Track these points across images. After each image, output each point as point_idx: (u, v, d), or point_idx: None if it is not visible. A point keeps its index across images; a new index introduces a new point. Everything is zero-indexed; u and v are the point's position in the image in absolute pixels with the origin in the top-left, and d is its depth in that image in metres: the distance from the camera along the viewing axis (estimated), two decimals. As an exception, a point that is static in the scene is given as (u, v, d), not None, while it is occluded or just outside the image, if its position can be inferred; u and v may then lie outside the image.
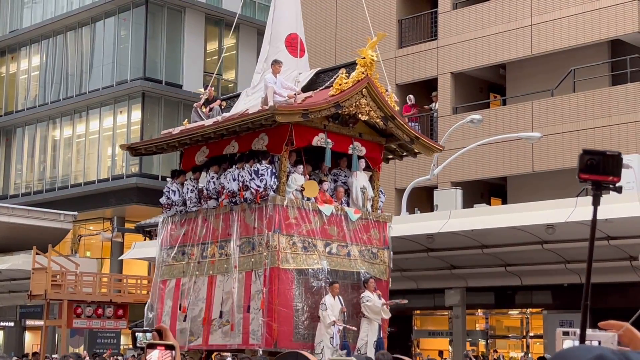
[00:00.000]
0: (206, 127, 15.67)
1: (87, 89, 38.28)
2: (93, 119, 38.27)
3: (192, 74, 37.59)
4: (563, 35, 24.65)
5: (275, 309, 13.80)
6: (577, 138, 23.88)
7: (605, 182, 2.55)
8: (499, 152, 25.09)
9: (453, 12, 27.50)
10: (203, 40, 38.45)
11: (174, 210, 16.35)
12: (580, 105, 24.04)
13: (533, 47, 25.34)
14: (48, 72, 40.53)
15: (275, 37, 16.50)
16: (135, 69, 36.61)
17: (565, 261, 18.83)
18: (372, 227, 15.37)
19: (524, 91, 26.50)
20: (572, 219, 16.17)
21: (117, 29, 37.83)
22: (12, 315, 37.76)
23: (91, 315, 28.05)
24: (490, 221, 18.09)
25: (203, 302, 15.14)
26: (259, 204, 14.32)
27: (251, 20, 39.66)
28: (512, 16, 25.88)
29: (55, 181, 39.34)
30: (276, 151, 14.62)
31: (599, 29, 24.00)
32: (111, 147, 37.59)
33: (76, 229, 36.96)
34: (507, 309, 23.54)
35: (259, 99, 15.42)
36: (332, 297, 14.14)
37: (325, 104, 14.17)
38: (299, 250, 14.26)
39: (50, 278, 27.07)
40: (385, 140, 15.82)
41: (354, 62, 14.93)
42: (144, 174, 35.66)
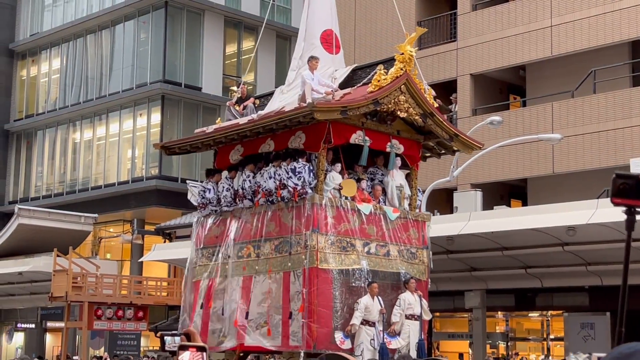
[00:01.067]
0: (242, 125, 15.42)
1: (107, 91, 38.46)
2: (113, 122, 38.44)
3: (211, 76, 37.68)
4: (583, 36, 24.52)
5: (315, 309, 13.54)
6: (597, 139, 23.74)
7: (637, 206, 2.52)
8: (519, 153, 24.98)
9: (472, 14, 27.42)
10: (222, 42, 38.55)
11: (209, 210, 16.10)
12: (601, 106, 23.90)
13: (553, 48, 25.22)
14: (68, 75, 40.75)
15: (310, 33, 16.28)
16: (154, 71, 36.75)
17: (586, 263, 18.72)
18: (411, 227, 15.12)
19: (544, 92, 26.37)
20: (593, 220, 16.07)
21: (136, 31, 37.99)
22: (33, 317, 37.98)
23: (111, 317, 28.16)
24: (511, 223, 18.02)
25: (237, 302, 14.88)
26: (297, 203, 14.08)
27: (270, 23, 39.68)
28: (532, 17, 25.77)
29: (75, 183, 39.53)
30: (314, 149, 14.37)
31: (619, 29, 23.86)
32: (131, 149, 37.74)
33: (96, 231, 37.13)
34: (528, 312, 23.43)
35: (295, 96, 15.17)
36: (371, 298, 13.90)
37: (364, 101, 13.93)
38: (338, 250, 14.02)
39: (71, 280, 27.20)
40: (423, 138, 15.55)
41: (392, 58, 14.70)
42: (163, 176, 35.78)
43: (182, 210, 34.04)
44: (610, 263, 18.25)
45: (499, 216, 19.03)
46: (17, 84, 43.70)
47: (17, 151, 42.90)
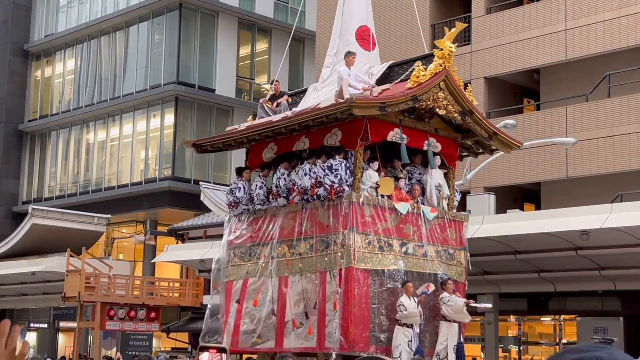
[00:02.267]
0: (276, 122, 15.05)
1: (120, 92, 38.58)
2: (126, 123, 38.56)
3: (225, 78, 37.75)
4: (598, 40, 24.43)
5: (351, 310, 13.18)
6: (612, 143, 23.65)
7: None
8: (532, 157, 24.90)
9: (487, 17, 27.37)
10: (236, 44, 38.61)
11: (241, 208, 15.77)
12: (615, 110, 23.80)
13: (567, 51, 25.14)
14: (82, 76, 40.89)
15: (345, 30, 15.96)
16: (168, 73, 36.84)
17: (599, 268, 18.65)
18: (448, 227, 14.78)
19: (558, 96, 26.29)
20: (607, 225, 16.02)
21: (150, 33, 38.09)
22: (45, 317, 38.11)
23: (124, 317, 28.23)
24: (524, 227, 17.97)
25: (272, 303, 14.53)
26: (333, 201, 13.74)
27: (284, 25, 39.73)
28: (546, 21, 25.70)
29: (89, 184, 39.66)
30: (350, 146, 14.05)
31: (634, 33, 23.76)
32: (144, 150, 37.84)
33: (109, 231, 37.24)
34: (540, 315, 23.35)
35: (330, 92, 14.91)
36: (408, 298, 13.54)
37: (403, 97, 13.59)
38: (375, 250, 13.66)
39: (84, 280, 27.29)
40: (461, 136, 15.20)
41: (430, 54, 14.46)
42: (176, 178, 35.85)
43: (195, 212, 34.11)
44: (624, 268, 18.18)
45: (512, 220, 18.98)
46: (32, 84, 43.88)
47: (31, 151, 43.07)
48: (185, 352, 32.03)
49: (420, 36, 18.00)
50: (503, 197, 25.06)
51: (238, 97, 38.47)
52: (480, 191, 25.15)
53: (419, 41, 27.79)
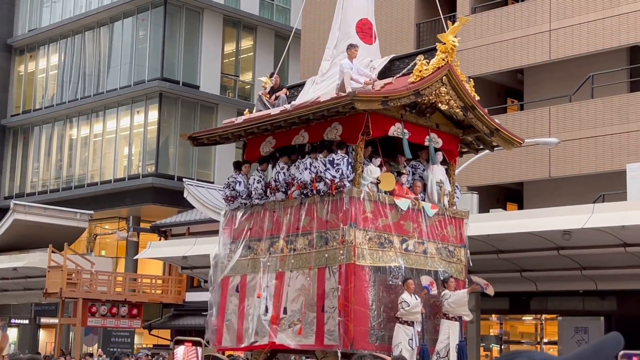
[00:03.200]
0: (275, 115, 14.74)
1: (104, 88, 38.45)
2: (110, 119, 38.43)
3: (210, 75, 37.69)
4: (582, 41, 24.54)
5: (351, 308, 12.93)
6: (594, 144, 23.77)
7: None
8: (515, 157, 24.99)
9: (471, 17, 27.42)
10: (221, 41, 38.55)
11: (238, 203, 15.48)
12: (598, 111, 23.92)
13: (551, 52, 25.24)
14: (66, 72, 40.72)
15: (345, 22, 15.69)
16: (152, 69, 36.74)
17: (581, 267, 18.74)
18: (449, 224, 14.58)
19: (541, 96, 26.40)
20: (589, 225, 16.09)
21: (135, 29, 37.98)
22: (26, 312, 37.95)
23: (106, 314, 28.18)
24: (506, 226, 18.02)
25: (270, 299, 14.31)
26: (334, 196, 13.50)
27: (269, 22, 39.71)
28: (530, 21, 25.79)
29: (71, 180, 39.51)
30: (351, 141, 13.80)
31: (618, 35, 23.89)
32: (128, 146, 37.73)
33: (92, 227, 37.12)
34: (522, 315, 23.45)
35: (330, 86, 14.69)
36: (409, 295, 13.31)
37: (406, 92, 13.33)
38: (376, 247, 13.42)
39: (66, 276, 27.22)
40: (462, 132, 15.02)
41: (433, 48, 14.28)
42: (160, 174, 35.77)
43: (178, 209, 34.04)
44: (605, 268, 18.28)
45: (495, 219, 19.04)
46: (15, 79, 43.66)
47: (14, 147, 42.87)
48: (167, 349, 31.98)
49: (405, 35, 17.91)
50: (486, 197, 25.13)
51: (222, 94, 38.43)
52: (464, 190, 25.21)
53: (403, 40, 27.87)
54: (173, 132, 36.96)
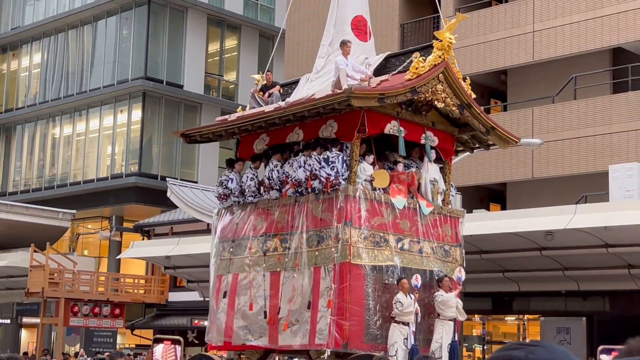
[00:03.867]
0: (270, 112, 14.52)
1: (87, 87, 38.29)
2: (93, 118, 38.28)
3: (193, 74, 37.60)
4: (565, 42, 24.64)
5: (346, 307, 12.78)
6: (577, 145, 23.87)
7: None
8: (499, 157, 25.06)
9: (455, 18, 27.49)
10: (205, 40, 38.47)
11: (231, 201, 15.28)
12: (581, 112, 24.02)
13: (535, 53, 25.33)
14: (49, 70, 40.53)
15: (340, 19, 15.50)
16: (136, 68, 36.62)
17: (563, 268, 18.81)
18: (444, 223, 14.43)
19: (524, 97, 26.48)
20: (571, 226, 16.16)
21: (119, 28, 37.84)
22: (8, 312, 37.75)
23: (88, 313, 28.06)
24: (489, 227, 18.07)
25: (264, 299, 14.12)
26: (328, 195, 13.32)
27: (253, 22, 39.66)
28: (514, 22, 25.87)
29: (54, 179, 39.33)
30: (347, 139, 13.62)
31: (601, 36, 24.00)
32: (111, 146, 37.59)
33: (74, 227, 36.95)
34: (505, 315, 23.51)
35: (324, 83, 14.58)
36: (404, 295, 13.20)
37: (402, 89, 13.20)
38: (371, 245, 13.26)
39: (48, 276, 27.09)
40: (457, 131, 14.90)
41: (429, 45, 14.17)
42: (143, 174, 35.65)
43: (162, 208, 33.94)
44: (587, 268, 18.36)
45: (478, 220, 19.06)
46: (-3, 77, 43.42)
47: (-4, 145, 42.64)
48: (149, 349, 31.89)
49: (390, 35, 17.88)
50: (469, 197, 25.19)
51: (206, 93, 38.35)
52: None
53: (388, 40, 27.86)
54: (156, 132, 36.87)
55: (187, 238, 26.00)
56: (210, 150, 37.26)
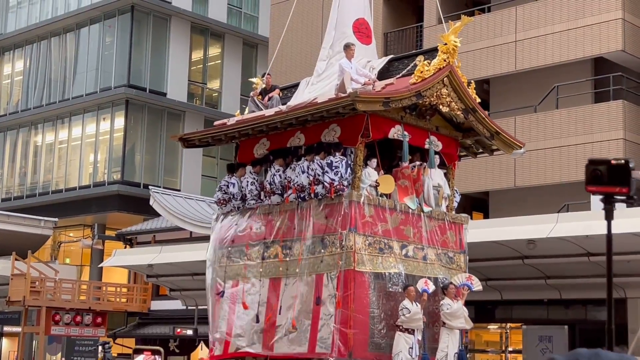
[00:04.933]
0: (271, 116, 14.24)
1: (70, 95, 38.15)
2: (76, 126, 38.13)
3: (177, 82, 37.53)
4: (547, 52, 24.78)
5: (350, 315, 12.48)
6: (559, 154, 23.98)
7: (614, 194, 2.42)
8: (481, 166, 25.15)
9: (439, 27, 27.58)
10: (188, 48, 38.42)
11: (230, 206, 15.01)
12: (563, 121, 24.15)
13: (517, 63, 25.46)
14: (31, 78, 40.37)
15: (341, 22, 15.30)
16: (119, 76, 36.52)
17: (545, 277, 18.88)
18: (448, 229, 14.20)
19: (507, 106, 26.60)
20: (553, 234, 16.23)
21: (102, 35, 37.74)
22: (-11, 321, 37.46)
23: (69, 322, 27.93)
24: (472, 235, 18.09)
25: (263, 306, 13.85)
26: (332, 200, 13.06)
27: (237, 30, 39.66)
28: (496, 32, 26.00)
29: (36, 187, 39.13)
30: (350, 143, 13.37)
31: (582, 46, 24.15)
32: (93, 153, 37.45)
33: (56, 235, 36.75)
34: (487, 324, 23.55)
35: (326, 86, 14.38)
36: (410, 302, 12.92)
37: (407, 93, 12.99)
38: (375, 252, 12.98)
39: (29, 284, 26.94)
40: (461, 135, 14.72)
41: (434, 48, 13.97)
42: (125, 182, 35.53)
43: (144, 216, 33.84)
44: (569, 277, 18.43)
45: (461, 228, 19.09)
46: (-21, 85, 43.20)
47: (-23, 153, 42.39)
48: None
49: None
50: (452, 206, 25.23)
51: (190, 101, 38.30)
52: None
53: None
54: (139, 140, 36.77)
55: (169, 246, 25.94)
56: (193, 159, 37.20)
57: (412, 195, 13.73)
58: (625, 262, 17.31)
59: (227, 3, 39.85)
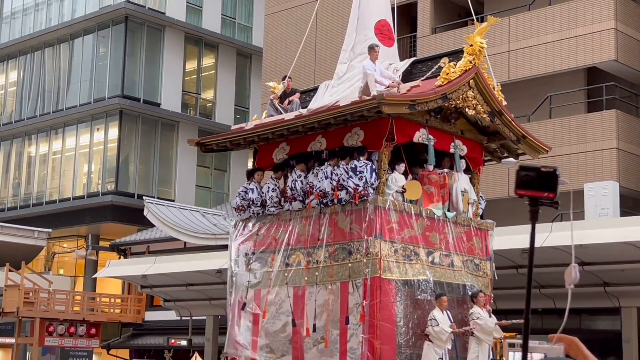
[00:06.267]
0: (292, 120, 13.86)
1: (64, 105, 38.13)
2: (69, 136, 38.10)
3: (171, 92, 37.54)
4: (540, 61, 24.86)
5: (377, 324, 12.10)
6: (552, 164, 24.00)
7: (541, 198, 2.63)
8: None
9: (432, 37, 27.70)
10: (182, 59, 38.45)
11: (249, 212, 14.52)
12: (557, 131, 24.21)
13: (510, 72, 25.53)
14: (25, 88, 40.34)
15: (362, 24, 14.88)
16: (113, 86, 36.52)
17: (539, 286, 18.89)
18: (474, 235, 13.90)
19: (500, 116, 26.65)
20: (547, 244, 16.24)
21: (95, 46, 37.76)
22: (-18, 332, 37.32)
23: (63, 333, 27.86)
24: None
25: (288, 315, 13.42)
26: (357, 206, 12.69)
27: (231, 40, 39.71)
28: (489, 42, 25.95)
29: (29, 198, 39.06)
30: (374, 147, 12.99)
31: (575, 56, 24.24)
32: (87, 164, 37.41)
33: (50, 246, 36.69)
34: (482, 333, 23.54)
35: (348, 89, 14.06)
36: (441, 312, 12.63)
37: (433, 95, 12.64)
38: (402, 259, 12.64)
39: (23, 295, 26.87)
40: (486, 139, 14.38)
41: (459, 50, 13.66)
42: (119, 192, 35.49)
43: (138, 227, 33.79)
44: (563, 286, 18.38)
45: (455, 238, 19.09)
46: (-27, 95, 43.15)
47: (-29, 163, 42.31)
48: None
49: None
50: (446, 215, 25.26)
51: (184, 111, 38.30)
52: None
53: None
54: (133, 150, 36.75)
55: (163, 257, 25.89)
56: (187, 169, 37.20)
57: (439, 202, 13.48)
58: (619, 271, 17.37)
59: (221, 13, 39.92)
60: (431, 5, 27.58)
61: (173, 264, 23.78)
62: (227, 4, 40.20)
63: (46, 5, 40.41)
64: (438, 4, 27.89)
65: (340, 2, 29.21)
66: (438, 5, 27.91)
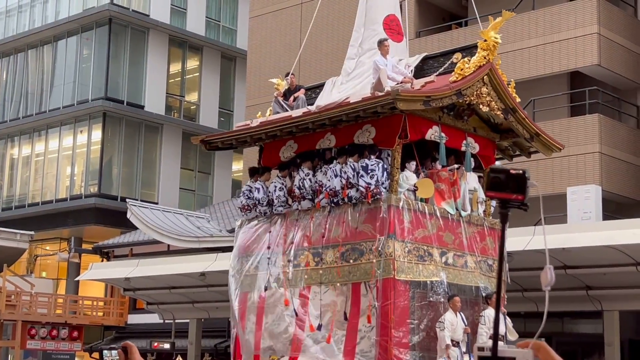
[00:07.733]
0: (300, 117, 13.53)
1: (47, 107, 37.98)
2: (52, 138, 37.95)
3: (154, 95, 37.46)
4: (523, 66, 24.96)
5: (390, 326, 11.81)
6: (536, 168, 24.12)
7: (510, 200, 2.67)
8: (459, 179, 25.25)
9: (416, 41, 27.75)
10: (166, 61, 38.38)
11: (255, 212, 14.19)
12: (540, 135, 24.31)
13: (494, 76, 25.61)
14: (8, 90, 40.15)
15: (370, 19, 14.48)
16: (96, 88, 36.41)
17: (522, 289, 18.95)
18: (487, 235, 13.55)
19: (484, 120, 26.75)
20: (530, 247, 16.30)
21: (79, 48, 37.63)
22: (-36, 335, 37.09)
23: (45, 336, 27.74)
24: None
25: (292, 316, 13.08)
26: (368, 205, 12.34)
27: (215, 43, 39.67)
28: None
29: (12, 200, 38.86)
30: (386, 145, 12.63)
31: (558, 60, 24.35)
32: (70, 166, 37.27)
33: (32, 248, 36.50)
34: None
35: (358, 85, 13.70)
36: (454, 314, 12.35)
37: (448, 91, 12.28)
38: (415, 260, 12.32)
39: (5, 298, 26.74)
40: (499, 137, 14.10)
41: (471, 45, 13.54)
42: (102, 195, 35.36)
43: (121, 229, 33.68)
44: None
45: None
46: (-45, 97, 42.91)
47: (-47, 165, 42.06)
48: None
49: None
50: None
51: (168, 114, 38.22)
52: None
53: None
54: (117, 152, 36.64)
55: (147, 259, 25.83)
56: (170, 171, 37.13)
57: (450, 199, 13.18)
58: (602, 274, 17.45)
59: (206, 16, 39.87)
60: (415, 9, 27.63)
61: (156, 267, 23.71)
62: (211, 7, 40.17)
63: (29, 7, 40.25)
64: (422, 8, 27.97)
65: (326, 6, 29.25)
66: (422, 9, 27.99)
